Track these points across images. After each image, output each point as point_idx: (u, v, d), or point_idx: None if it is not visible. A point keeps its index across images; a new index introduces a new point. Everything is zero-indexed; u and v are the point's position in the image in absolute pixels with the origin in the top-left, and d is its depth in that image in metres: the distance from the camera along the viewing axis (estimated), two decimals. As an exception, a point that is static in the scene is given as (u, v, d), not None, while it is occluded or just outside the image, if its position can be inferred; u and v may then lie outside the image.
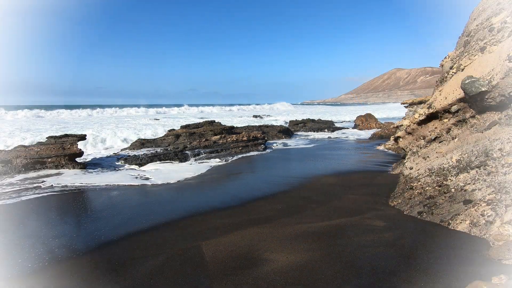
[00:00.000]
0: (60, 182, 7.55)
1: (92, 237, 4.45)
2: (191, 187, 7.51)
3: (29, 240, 4.35)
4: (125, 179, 8.01)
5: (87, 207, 6.01)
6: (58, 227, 4.92)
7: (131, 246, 4.14)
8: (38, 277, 3.41)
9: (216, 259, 3.66)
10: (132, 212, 5.57)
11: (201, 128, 14.04)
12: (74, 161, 9.18)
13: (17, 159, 8.72)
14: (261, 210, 5.51)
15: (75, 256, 3.90)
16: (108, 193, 6.79)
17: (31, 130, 18.96)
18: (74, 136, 9.99)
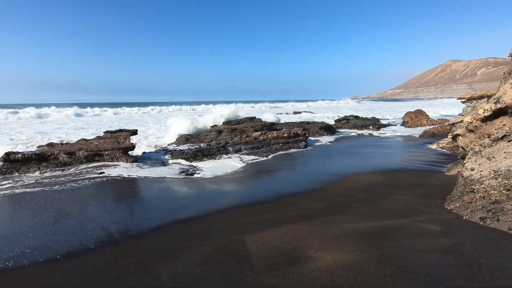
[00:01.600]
0: (115, 173, 8.23)
1: (144, 224, 4.77)
2: (232, 181, 7.67)
3: (91, 224, 4.81)
4: (171, 172, 8.45)
5: (138, 196, 6.46)
6: (115, 212, 5.35)
7: (179, 235, 4.35)
8: (99, 255, 3.75)
9: (260, 253, 3.69)
10: (179, 203, 5.86)
11: (242, 125, 14.25)
12: (127, 154, 9.93)
13: (80, 151, 9.68)
14: (303, 207, 5.43)
15: (130, 240, 4.21)
16: (157, 184, 7.23)
17: (91, 127, 20.93)
18: (127, 131, 10.79)
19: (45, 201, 6.06)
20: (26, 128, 20.45)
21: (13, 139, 14.87)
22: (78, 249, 3.98)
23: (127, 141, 10.35)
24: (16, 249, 3.94)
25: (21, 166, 8.73)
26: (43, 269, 3.49)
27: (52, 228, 4.68)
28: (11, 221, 5.10)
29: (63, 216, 5.24)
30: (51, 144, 9.89)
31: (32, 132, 18.41)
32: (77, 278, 3.29)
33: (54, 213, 5.40)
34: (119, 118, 32.00)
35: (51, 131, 18.61)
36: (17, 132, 18.44)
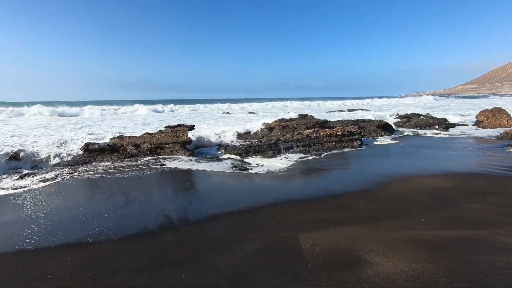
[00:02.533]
0: (174, 165, 8.83)
1: (201, 214, 5.02)
2: (283, 178, 7.64)
3: (154, 210, 5.23)
4: (224, 166, 8.75)
5: (195, 187, 6.82)
6: (174, 201, 5.74)
7: (233, 227, 4.49)
8: (161, 239, 4.06)
9: (314, 252, 3.61)
10: (232, 196, 6.04)
11: (294, 122, 14.10)
12: (185, 148, 10.57)
13: (144, 144, 10.59)
14: (357, 208, 5.16)
15: (188, 227, 4.48)
16: (211, 178, 7.55)
17: (154, 122, 22.80)
18: (185, 126, 11.48)
19: (116, 187, 6.78)
20: (104, 122, 23.17)
21: (92, 132, 16.93)
22: (144, 232, 4.36)
23: (185, 135, 11.02)
24: (95, 228, 4.48)
25: (97, 155, 9.88)
26: (116, 247, 3.90)
27: (122, 212, 5.21)
28: (90, 203, 5.82)
29: (131, 201, 5.80)
30: (121, 137, 11.01)
31: (108, 126, 20.78)
32: (144, 259, 3.60)
33: (123, 198, 6.01)
34: (178, 114, 34.24)
35: (122, 125, 20.73)
36: (98, 126, 21.01)
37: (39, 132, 16.20)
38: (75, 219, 4.88)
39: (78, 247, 3.93)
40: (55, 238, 4.19)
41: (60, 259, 3.64)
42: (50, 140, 12.57)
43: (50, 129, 17.71)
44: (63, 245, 3.98)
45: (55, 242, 4.07)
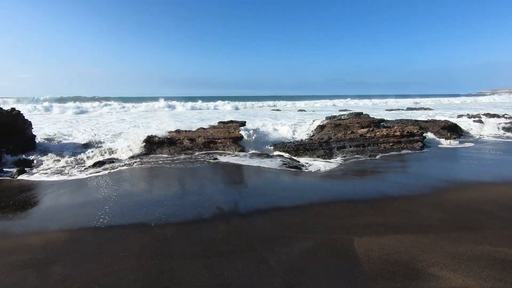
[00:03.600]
0: (225, 159, 9.14)
1: (251, 208, 5.11)
2: (336, 177, 7.37)
3: (208, 201, 5.48)
4: (274, 163, 8.77)
5: (245, 182, 6.97)
6: (227, 194, 5.94)
7: (283, 223, 4.47)
8: (215, 230, 4.23)
9: (370, 258, 3.42)
10: (283, 193, 6.03)
11: (347, 120, 13.50)
12: (236, 143, 10.86)
13: (199, 138, 11.15)
14: (417, 215, 4.73)
15: (240, 220, 4.59)
16: (261, 173, 7.64)
17: (211, 118, 23.90)
18: (237, 122, 11.80)
19: (173, 177, 7.27)
20: (164, 117, 25.10)
21: (153, 126, 18.41)
22: (199, 221, 4.60)
23: (237, 131, 11.32)
24: (155, 213, 4.87)
25: (157, 147, 10.70)
26: (174, 233, 4.18)
27: (179, 200, 5.57)
28: (151, 190, 6.35)
29: (187, 191, 6.16)
30: (178, 131, 11.76)
31: (169, 120, 22.47)
32: (199, 246, 3.80)
33: (180, 187, 6.42)
34: (227, 111, 35.37)
35: (181, 120, 22.17)
36: (161, 120, 22.86)
37: (117, 125, 18.18)
38: (139, 203, 5.37)
39: (142, 229, 4.31)
40: (123, 220, 4.66)
41: (128, 239, 4.03)
42: (120, 130, 14.02)
43: (126, 122, 19.73)
44: (130, 227, 4.41)
45: (124, 223, 4.52)
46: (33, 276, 3.17)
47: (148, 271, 3.24)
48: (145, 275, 3.17)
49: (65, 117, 25.00)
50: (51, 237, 4.12)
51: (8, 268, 3.33)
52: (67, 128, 16.40)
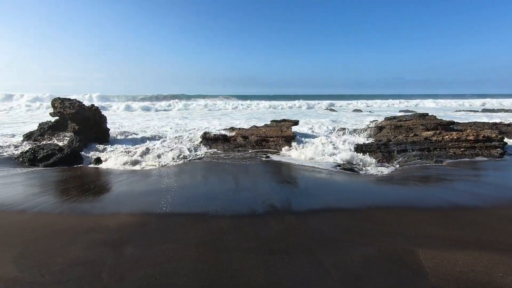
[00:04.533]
0: (277, 158, 9.15)
1: (305, 207, 5.03)
2: (396, 182, 6.85)
3: (260, 198, 5.55)
4: (328, 164, 8.51)
5: (298, 181, 6.89)
6: (279, 192, 5.95)
7: (337, 226, 4.31)
8: (269, 227, 4.27)
9: (440, 274, 3.10)
10: (338, 195, 5.81)
11: (410, 121, 12.45)
12: (289, 143, 10.81)
13: (251, 136, 11.37)
14: (493, 230, 4.13)
15: (293, 219, 4.56)
16: (315, 174, 7.47)
17: (262, 118, 24.21)
18: (289, 121, 11.73)
19: (228, 172, 7.53)
20: (221, 115, 26.24)
21: (213, 123, 19.33)
22: (253, 216, 4.69)
23: (289, 130, 11.26)
24: (212, 206, 5.10)
25: (212, 143, 11.21)
26: (230, 226, 4.33)
27: (234, 195, 5.74)
28: (208, 183, 6.67)
29: (241, 186, 6.33)
30: (232, 128, 12.14)
31: (225, 117, 23.42)
32: (254, 242, 3.87)
33: (234, 183, 6.62)
34: (282, 110, 35.39)
35: (237, 118, 22.91)
36: (214, 117, 24.01)
37: (178, 121, 19.59)
38: (196, 195, 5.69)
39: (199, 220, 4.55)
40: (183, 209, 4.99)
41: (187, 228, 4.30)
42: (182, 127, 15.03)
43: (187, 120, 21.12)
44: (188, 216, 4.70)
45: (183, 213, 4.84)
46: (110, 255, 3.57)
47: (205, 262, 3.41)
48: (203, 265, 3.34)
49: (132, 113, 27.73)
50: (123, 220, 4.59)
51: (90, 245, 3.80)
52: (134, 123, 18.16)
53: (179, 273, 3.17)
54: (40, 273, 3.15)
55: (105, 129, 11.82)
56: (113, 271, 3.22)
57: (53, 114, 11.65)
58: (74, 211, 4.99)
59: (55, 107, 11.46)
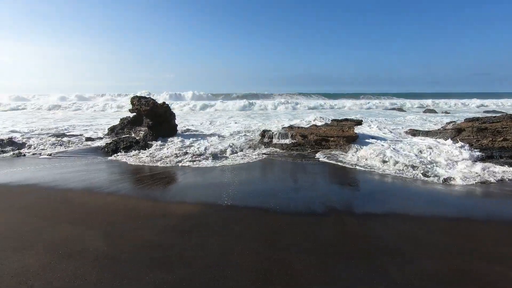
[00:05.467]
0: (336, 159, 8.78)
1: (365, 211, 4.73)
2: (475, 192, 5.96)
3: (320, 198, 5.40)
4: (395, 168, 7.85)
5: (359, 184, 6.49)
6: (339, 193, 5.71)
7: (404, 236, 3.94)
8: (329, 228, 4.12)
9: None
10: (404, 202, 5.33)
11: (498, 124, 10.71)
12: (350, 143, 10.28)
13: (311, 135, 11.13)
14: None
15: (354, 222, 4.32)
16: (378, 178, 6.95)
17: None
18: (352, 120, 11.16)
19: (285, 170, 7.51)
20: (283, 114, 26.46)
21: (273, 121, 19.59)
22: (311, 216, 4.59)
23: (351, 130, 10.71)
24: (270, 203, 5.16)
25: (270, 142, 11.30)
26: (288, 224, 4.31)
27: (292, 194, 5.71)
28: (266, 181, 6.77)
29: (299, 185, 6.26)
30: (291, 127, 12.07)
31: (284, 116, 23.56)
32: (313, 242, 3.79)
33: (292, 181, 6.58)
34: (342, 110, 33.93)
35: (299, 117, 22.84)
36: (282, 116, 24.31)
37: (238, 119, 20.35)
38: (255, 191, 5.81)
39: (258, 215, 4.64)
40: (242, 203, 5.14)
41: (246, 223, 4.41)
42: (245, 126, 15.55)
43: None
44: (248, 211, 4.82)
45: (242, 207, 4.99)
46: (177, 241, 3.86)
47: (266, 258, 3.44)
48: (263, 261, 3.38)
49: (199, 111, 29.67)
50: (188, 209, 4.94)
51: (160, 230, 4.17)
52: (203, 121, 19.39)
53: (241, 267, 3.26)
54: (121, 251, 3.58)
55: (174, 125, 12.87)
56: (181, 256, 3.47)
57: (131, 110, 13.15)
58: (148, 197, 5.55)
59: (133, 104, 12.91)
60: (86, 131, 14.32)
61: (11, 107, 31.05)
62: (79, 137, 12.32)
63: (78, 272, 3.11)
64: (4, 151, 9.66)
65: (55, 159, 8.80)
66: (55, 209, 4.90)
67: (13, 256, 3.42)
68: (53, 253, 3.48)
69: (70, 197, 5.53)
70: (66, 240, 3.80)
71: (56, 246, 3.64)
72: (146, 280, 2.99)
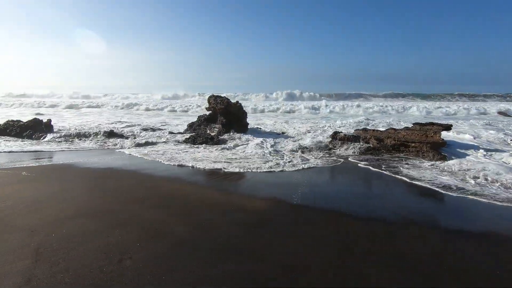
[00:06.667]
0: (418, 168, 7.86)
1: (452, 228, 4.11)
2: None
3: (399, 208, 4.92)
4: (496, 189, 6.63)
5: (444, 197, 5.67)
6: (420, 205, 5.10)
7: (504, 260, 3.29)
8: (405, 236, 3.72)
9: None
10: (504, 223, 4.45)
11: None
12: (436, 151, 9.11)
13: (388, 139, 10.24)
14: None
15: (436, 237, 3.81)
16: (471, 193, 5.97)
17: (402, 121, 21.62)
18: (439, 125, 9.88)
19: (359, 175, 7.08)
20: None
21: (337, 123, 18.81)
22: (387, 226, 4.21)
23: (437, 136, 9.48)
24: (342, 208, 4.93)
25: (342, 144, 10.79)
26: (362, 230, 4.04)
27: (366, 200, 5.35)
28: (336, 185, 6.50)
29: (373, 192, 5.83)
30: (365, 129, 11.33)
31: (357, 118, 22.40)
32: (392, 256, 3.46)
33: (365, 187, 6.16)
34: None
35: (375, 120, 21.46)
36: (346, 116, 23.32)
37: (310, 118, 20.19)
38: (326, 194, 5.66)
39: (329, 219, 4.47)
40: (313, 204, 5.03)
41: (317, 225, 4.30)
42: (315, 125, 15.33)
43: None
44: (319, 213, 4.70)
45: (313, 208, 4.88)
46: (246, 235, 3.98)
47: (340, 266, 3.24)
48: (336, 268, 3.22)
49: (268, 112, 30.30)
50: (260, 205, 5.06)
51: (230, 224, 4.32)
52: (276, 121, 19.78)
53: (313, 271, 3.16)
54: (200, 238, 3.86)
55: (245, 123, 13.39)
56: (253, 250, 3.57)
57: (208, 108, 14.16)
58: (223, 190, 5.89)
59: (210, 103, 13.89)
60: (171, 126, 16.01)
61: (122, 106, 35.71)
62: (163, 131, 13.88)
63: (159, 252, 3.47)
64: (105, 140, 11.50)
65: (143, 148, 10.07)
66: (144, 194, 5.60)
67: (110, 231, 4.01)
68: (141, 232, 3.96)
69: (158, 184, 6.25)
70: (153, 222, 4.29)
71: (143, 227, 4.14)
72: (218, 267, 3.16)
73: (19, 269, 3.02)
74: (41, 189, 5.73)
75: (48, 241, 3.62)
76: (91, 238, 3.73)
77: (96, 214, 4.51)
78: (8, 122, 13.11)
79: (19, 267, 3.04)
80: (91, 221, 4.26)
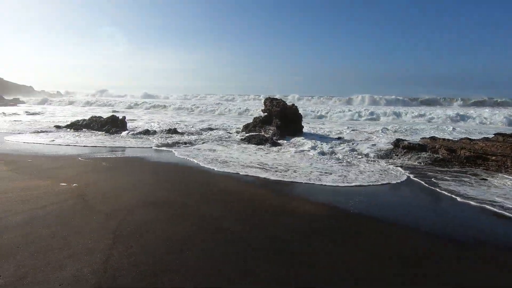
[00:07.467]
0: (500, 183, 6.82)
1: None
2: None
3: (469, 228, 4.35)
4: None
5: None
6: (494, 224, 4.43)
7: None
8: (471, 252, 3.27)
9: None
10: None
11: None
12: (524, 166, 7.83)
13: (462, 150, 9.13)
14: None
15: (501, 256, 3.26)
16: None
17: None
18: (530, 137, 8.47)
19: (423, 187, 6.45)
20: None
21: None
22: (453, 244, 3.75)
23: (527, 149, 8.13)
24: (404, 221, 4.55)
25: (406, 153, 9.93)
26: (426, 246, 3.68)
27: (429, 213, 4.85)
28: (397, 195, 6.01)
29: (439, 205, 5.26)
30: (434, 138, 10.28)
31: (423, 125, 20.59)
32: (462, 278, 3.09)
33: (430, 201, 5.59)
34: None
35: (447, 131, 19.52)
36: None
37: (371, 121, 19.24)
38: (384, 204, 5.29)
39: (388, 231, 4.18)
40: (370, 214, 4.76)
41: (373, 237, 4.05)
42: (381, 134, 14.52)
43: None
44: (376, 224, 4.42)
45: (370, 218, 4.62)
46: (303, 240, 3.91)
47: (404, 284, 3.05)
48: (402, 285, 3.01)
49: (325, 118, 29.52)
50: (315, 210, 4.97)
51: (287, 229, 4.27)
52: (335, 125, 19.28)
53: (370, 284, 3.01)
54: (255, 237, 3.95)
55: (300, 126, 13.27)
56: (302, 256, 3.51)
57: (263, 110, 14.39)
58: (276, 192, 5.94)
59: (265, 105, 14.09)
60: (230, 126, 16.69)
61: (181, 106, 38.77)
62: (221, 130, 14.54)
63: (213, 247, 3.62)
64: (170, 137, 12.49)
65: (201, 146, 10.67)
66: (203, 190, 5.93)
67: (171, 222, 4.34)
68: (200, 226, 4.20)
69: (216, 181, 6.59)
70: (211, 218, 4.51)
71: (203, 221, 4.38)
72: (271, 270, 3.18)
73: (101, 248, 3.46)
74: (117, 179, 6.49)
75: (122, 225, 4.08)
76: (155, 227, 4.09)
77: (162, 205, 4.93)
78: (92, 118, 15.18)
79: (101, 246, 3.49)
80: (157, 210, 4.68)
